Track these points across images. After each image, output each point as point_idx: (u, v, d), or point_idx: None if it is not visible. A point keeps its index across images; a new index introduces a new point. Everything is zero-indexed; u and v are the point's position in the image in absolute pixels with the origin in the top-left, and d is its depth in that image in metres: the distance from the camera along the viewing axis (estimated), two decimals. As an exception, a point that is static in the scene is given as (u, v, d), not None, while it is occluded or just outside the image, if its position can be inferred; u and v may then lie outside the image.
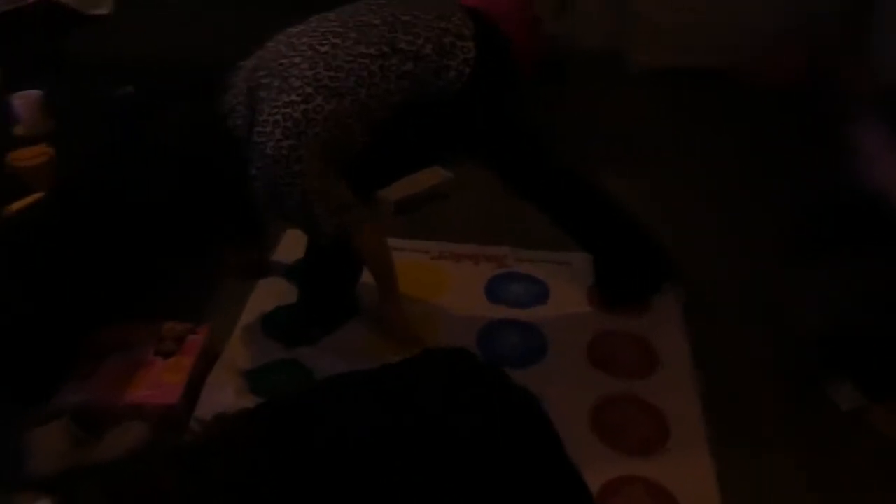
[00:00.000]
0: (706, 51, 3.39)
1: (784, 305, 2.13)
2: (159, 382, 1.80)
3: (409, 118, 1.70)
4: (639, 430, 1.83)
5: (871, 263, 1.81)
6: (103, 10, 2.92)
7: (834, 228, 2.15)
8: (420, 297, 2.22)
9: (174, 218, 2.03)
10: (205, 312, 2.12)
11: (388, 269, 1.91)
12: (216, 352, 1.98)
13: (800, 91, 2.84)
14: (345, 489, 1.11)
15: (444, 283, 2.29)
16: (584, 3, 3.63)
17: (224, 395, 1.79)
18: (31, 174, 1.71)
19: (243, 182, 1.67)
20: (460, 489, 1.16)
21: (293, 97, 1.62)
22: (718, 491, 1.66)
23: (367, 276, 2.02)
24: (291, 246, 2.33)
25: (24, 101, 1.93)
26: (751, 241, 2.45)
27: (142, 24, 3.39)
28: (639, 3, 3.43)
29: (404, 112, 1.69)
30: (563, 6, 2.97)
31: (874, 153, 1.73)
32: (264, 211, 1.72)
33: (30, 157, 1.73)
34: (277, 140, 1.61)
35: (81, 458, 1.62)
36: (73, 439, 1.60)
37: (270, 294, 2.21)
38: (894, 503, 1.70)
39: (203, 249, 2.10)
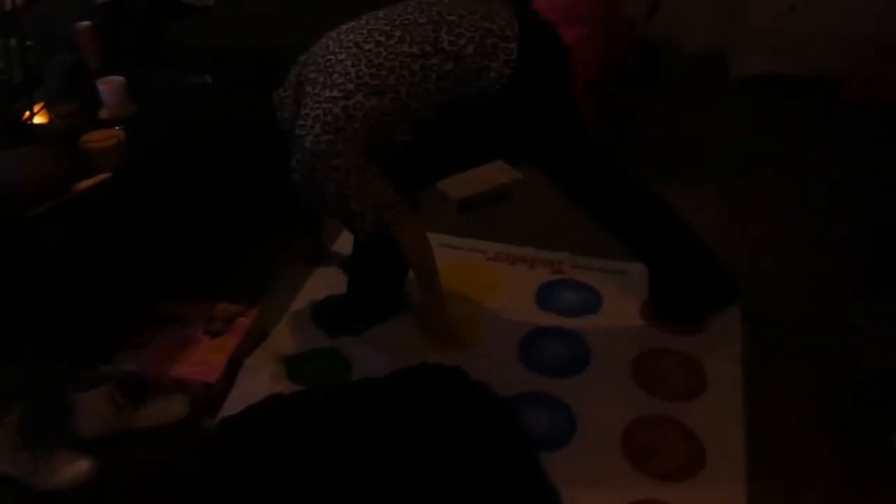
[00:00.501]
0: (813, 59, 3.18)
1: (853, 338, 1.97)
2: (203, 360, 1.89)
3: (451, 117, 1.69)
4: (672, 455, 1.75)
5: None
6: (208, 2, 3.07)
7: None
8: (470, 297, 2.22)
9: (232, 202, 2.13)
10: (261, 296, 2.21)
11: (428, 267, 1.91)
12: (264, 334, 2.06)
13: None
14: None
15: (497, 285, 2.27)
16: (690, 6, 3.49)
17: (259, 380, 1.85)
18: (101, 155, 1.83)
19: (286, 173, 1.72)
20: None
21: (334, 93, 1.65)
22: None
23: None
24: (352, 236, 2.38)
25: (109, 86, 2.06)
26: (828, 266, 2.28)
27: (241, 15, 3.53)
28: (745, 8, 3.23)
29: (447, 111, 1.69)
30: (654, 8, 2.86)
31: None
32: (304, 202, 1.76)
33: (100, 139, 1.85)
34: (316, 134, 1.64)
35: (122, 424, 1.73)
36: (115, 406, 1.71)
37: (325, 282, 2.27)
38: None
39: (259, 234, 2.18)
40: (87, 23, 2.34)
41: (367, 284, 2.11)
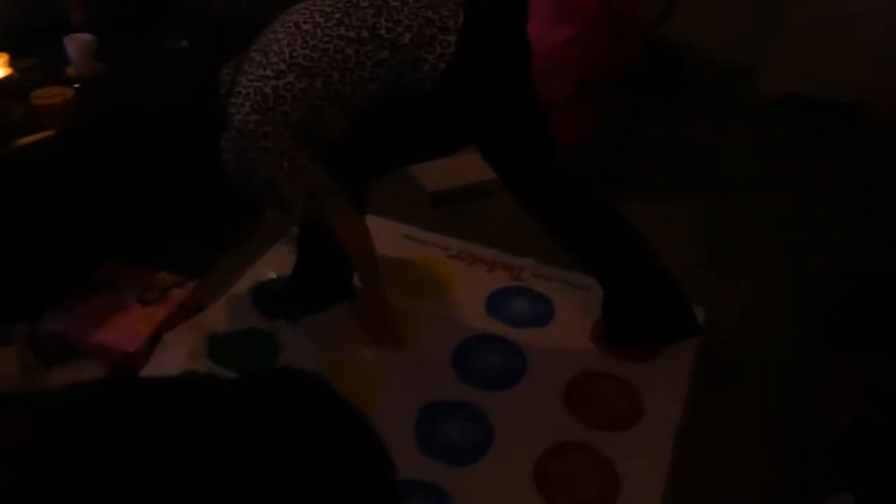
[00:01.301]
0: (843, 84, 2.97)
1: (811, 393, 1.83)
2: (129, 328, 1.87)
3: (390, 108, 1.62)
4: (583, 487, 1.66)
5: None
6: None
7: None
8: (418, 294, 2.15)
9: (186, 172, 2.10)
10: (209, 268, 2.18)
11: (364, 261, 1.84)
12: (200, 308, 2.03)
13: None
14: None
15: (450, 285, 2.19)
16: (722, 16, 3.31)
17: (176, 355, 1.82)
18: (46, 112, 1.81)
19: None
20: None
21: (267, 72, 1.59)
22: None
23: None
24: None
25: (75, 43, 2.04)
26: (802, 308, 2.11)
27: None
28: (776, 24, 3.03)
29: (386, 102, 1.61)
30: (666, 13, 2.70)
31: None
32: (234, 182, 1.71)
33: (48, 96, 1.84)
34: (245, 113, 1.60)
35: (32, 384, 1.73)
36: (23, 365, 1.71)
37: (278, 261, 2.21)
38: None
39: (217, 204, 2.14)
40: (69, -24, 2.33)
41: (312, 269, 2.05)
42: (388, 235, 2.33)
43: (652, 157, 2.83)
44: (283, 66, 1.59)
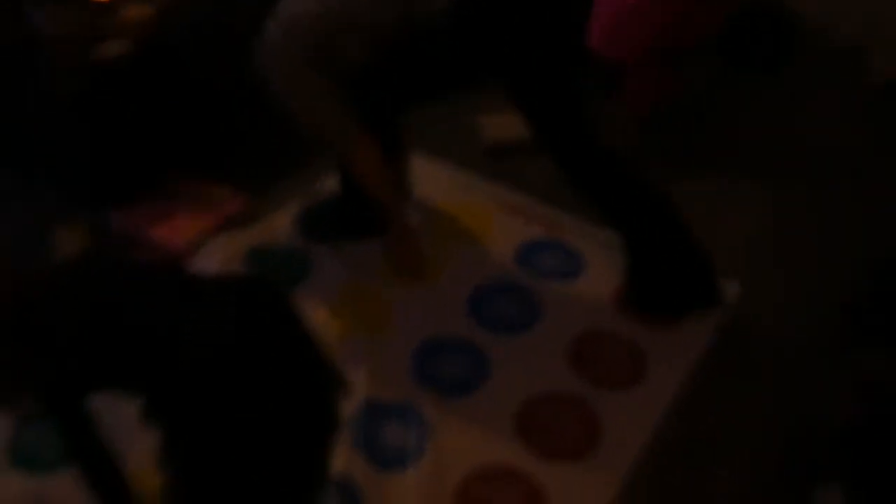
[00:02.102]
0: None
1: (818, 382, 1.74)
2: (177, 232, 2.06)
3: (408, 41, 1.67)
4: (562, 434, 1.70)
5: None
6: None
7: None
8: (450, 236, 2.19)
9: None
10: (274, 187, 2.31)
11: (378, 194, 1.91)
12: (253, 220, 2.18)
13: None
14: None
15: (486, 231, 2.22)
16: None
17: (211, 260, 1.99)
18: (126, 26, 2.01)
19: None
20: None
21: None
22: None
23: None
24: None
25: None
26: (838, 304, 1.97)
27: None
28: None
29: (405, 35, 1.67)
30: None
31: None
32: (262, 88, 1.81)
33: (131, 13, 2.03)
34: (271, 26, 1.73)
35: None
36: (84, 246, 1.93)
37: (332, 186, 2.30)
38: None
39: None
40: None
41: (351, 198, 2.14)
42: (434, 178, 2.38)
43: (731, 134, 2.67)
44: None
